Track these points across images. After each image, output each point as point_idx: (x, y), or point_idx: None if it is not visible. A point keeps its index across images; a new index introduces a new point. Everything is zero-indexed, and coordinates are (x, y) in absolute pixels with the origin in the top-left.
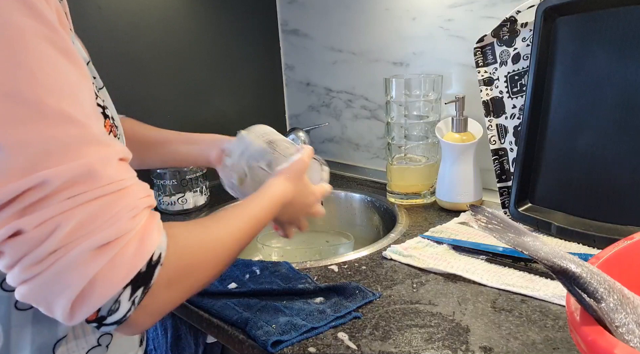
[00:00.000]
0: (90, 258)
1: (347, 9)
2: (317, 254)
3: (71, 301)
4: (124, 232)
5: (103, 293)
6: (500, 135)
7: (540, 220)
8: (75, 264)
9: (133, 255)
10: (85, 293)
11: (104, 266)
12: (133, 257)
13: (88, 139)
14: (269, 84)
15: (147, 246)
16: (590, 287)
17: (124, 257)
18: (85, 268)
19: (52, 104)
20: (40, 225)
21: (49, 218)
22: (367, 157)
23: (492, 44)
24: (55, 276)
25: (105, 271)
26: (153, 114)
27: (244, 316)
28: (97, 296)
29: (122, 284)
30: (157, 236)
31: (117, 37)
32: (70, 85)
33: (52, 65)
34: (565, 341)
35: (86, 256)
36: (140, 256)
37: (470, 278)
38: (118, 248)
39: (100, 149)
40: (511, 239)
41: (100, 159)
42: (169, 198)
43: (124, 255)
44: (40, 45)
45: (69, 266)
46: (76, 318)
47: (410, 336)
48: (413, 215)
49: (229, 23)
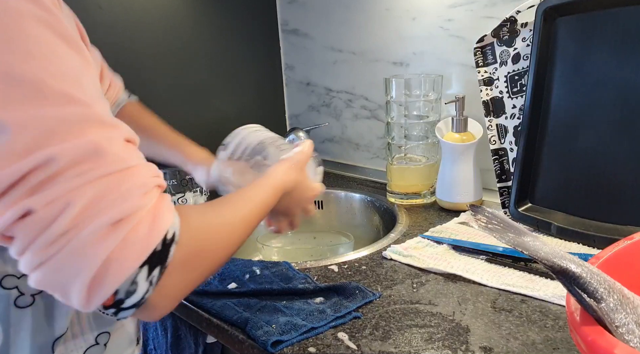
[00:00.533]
0: (103, 236)
1: (347, 9)
2: (317, 254)
3: (87, 283)
4: (137, 209)
5: (119, 272)
6: (500, 135)
7: (540, 220)
8: (89, 243)
9: (147, 233)
10: (101, 273)
11: (118, 244)
12: (147, 235)
13: (93, 118)
14: (269, 84)
15: (161, 224)
16: (590, 287)
17: (138, 235)
18: (99, 247)
19: (52, 84)
20: (50, 203)
21: (58, 196)
22: (367, 157)
23: (492, 44)
24: (69, 257)
25: (119, 250)
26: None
27: (244, 316)
28: (113, 276)
29: (138, 263)
30: (169, 215)
31: (117, 37)
32: (71, 68)
33: (51, 49)
34: (565, 341)
35: (99, 234)
36: (154, 233)
37: (470, 278)
38: (131, 225)
39: (105, 128)
40: (511, 239)
41: (106, 137)
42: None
43: (137, 232)
44: (38, 28)
45: (83, 245)
46: (93, 301)
47: (410, 336)
48: (413, 215)
49: (229, 23)
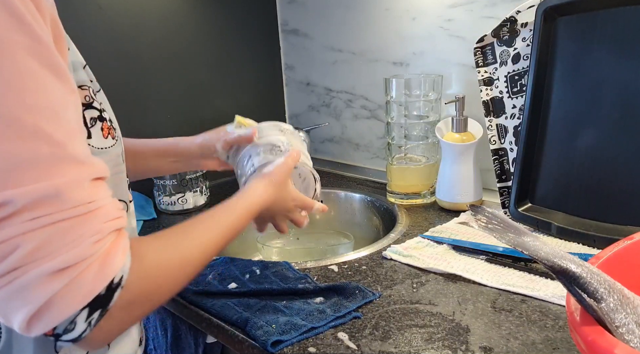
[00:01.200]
0: (48, 281)
1: (347, 9)
2: (317, 254)
3: (27, 318)
4: (85, 257)
5: (58, 314)
6: (500, 135)
7: (540, 220)
8: (33, 285)
9: (92, 279)
10: (42, 312)
11: (61, 289)
12: (92, 282)
13: (60, 158)
14: (269, 84)
15: (108, 270)
16: (590, 287)
17: (82, 282)
18: (42, 290)
19: (27, 120)
20: (1, 244)
21: (9, 238)
22: (367, 157)
23: (492, 44)
24: (13, 294)
25: (62, 294)
26: (153, 114)
27: (244, 316)
28: (53, 316)
29: (79, 307)
30: (120, 259)
31: (117, 37)
32: (52, 102)
33: (34, 81)
34: (565, 341)
35: (43, 279)
36: (99, 280)
37: (470, 278)
38: (76, 273)
39: (72, 169)
40: (511, 239)
41: (70, 181)
42: (169, 198)
43: (82, 279)
44: (24, 59)
45: (27, 286)
46: (32, 332)
47: (410, 336)
48: (413, 215)
49: (229, 23)
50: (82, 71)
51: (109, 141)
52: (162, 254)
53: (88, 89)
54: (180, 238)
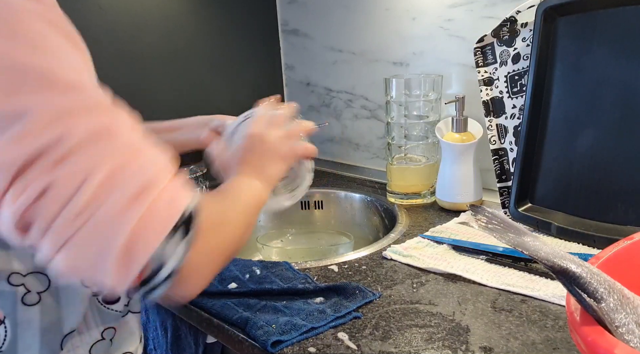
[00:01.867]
0: (126, 207)
1: (347, 9)
2: (317, 254)
3: (116, 256)
4: (156, 180)
5: (148, 242)
6: (500, 135)
7: (540, 220)
8: (112, 215)
9: (171, 201)
10: (130, 244)
11: (142, 214)
12: (171, 204)
13: (100, 105)
14: (269, 84)
15: (183, 193)
16: (590, 287)
17: (162, 204)
18: (124, 218)
19: (59, 73)
20: (68, 178)
21: (76, 171)
22: (367, 157)
23: (492, 44)
24: (94, 231)
25: (145, 219)
26: (153, 114)
27: (244, 316)
28: (143, 245)
29: (166, 231)
30: (188, 189)
31: (117, 37)
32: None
33: (54, 44)
34: (565, 341)
35: (122, 206)
36: (177, 202)
37: (470, 278)
38: (154, 195)
39: (113, 114)
40: (511, 239)
41: (116, 120)
42: None
43: (161, 202)
44: (41, 25)
45: (106, 218)
46: (126, 276)
47: (410, 336)
48: (413, 215)
49: (229, 23)
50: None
51: None
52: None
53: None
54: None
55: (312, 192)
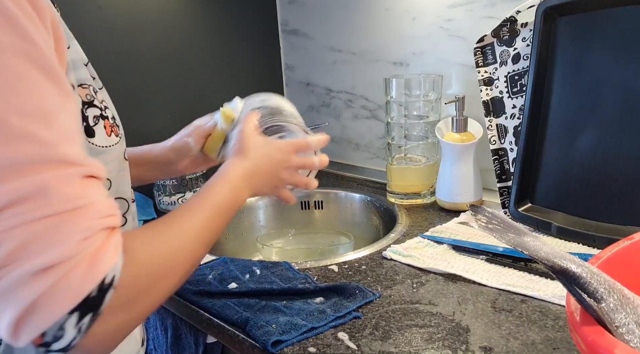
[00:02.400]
0: (31, 281)
1: (347, 9)
2: (317, 254)
3: (13, 322)
4: (71, 255)
5: (45, 317)
6: (500, 135)
7: (540, 220)
8: (16, 286)
9: (80, 279)
10: (27, 315)
11: (46, 289)
12: (80, 282)
13: (48, 158)
14: (269, 84)
15: (98, 270)
16: (590, 287)
17: (69, 282)
18: (26, 291)
19: (14, 122)
20: None
21: None
22: (367, 157)
23: (492, 44)
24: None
25: (48, 295)
26: (153, 114)
27: (244, 316)
28: (40, 320)
29: (67, 310)
30: (111, 258)
31: (117, 37)
32: (43, 104)
33: (23, 83)
34: (565, 341)
35: (27, 279)
36: (88, 280)
37: (470, 278)
38: (63, 272)
39: (61, 167)
40: (511, 239)
41: (57, 176)
42: (169, 198)
43: (69, 279)
44: (16, 62)
45: (10, 287)
46: (20, 339)
47: (410, 336)
48: (413, 215)
49: (229, 23)
50: (84, 69)
51: (113, 138)
52: (151, 246)
53: (89, 87)
54: (167, 226)
55: (312, 192)
